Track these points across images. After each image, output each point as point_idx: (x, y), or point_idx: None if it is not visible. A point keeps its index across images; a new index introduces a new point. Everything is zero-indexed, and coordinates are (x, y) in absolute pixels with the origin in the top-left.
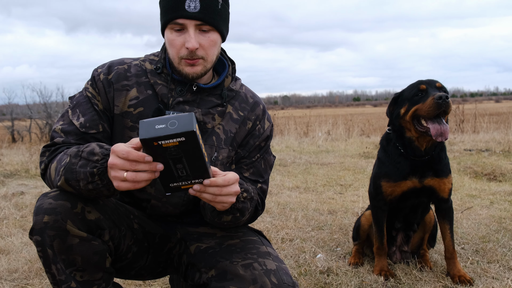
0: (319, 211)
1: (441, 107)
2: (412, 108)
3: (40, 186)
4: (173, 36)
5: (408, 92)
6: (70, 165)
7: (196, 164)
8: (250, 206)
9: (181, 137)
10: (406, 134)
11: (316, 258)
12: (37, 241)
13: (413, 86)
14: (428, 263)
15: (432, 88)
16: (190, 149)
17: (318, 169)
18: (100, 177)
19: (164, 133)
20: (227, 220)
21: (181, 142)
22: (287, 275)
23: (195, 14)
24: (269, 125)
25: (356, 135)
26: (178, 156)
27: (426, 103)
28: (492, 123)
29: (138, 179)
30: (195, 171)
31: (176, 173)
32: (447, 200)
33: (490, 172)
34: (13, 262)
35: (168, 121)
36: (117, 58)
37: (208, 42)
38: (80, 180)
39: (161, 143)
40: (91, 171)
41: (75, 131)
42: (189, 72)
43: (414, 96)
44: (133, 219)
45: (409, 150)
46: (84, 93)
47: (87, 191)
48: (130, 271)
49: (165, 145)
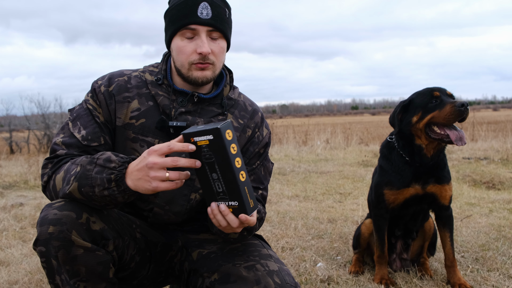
0: (319, 219)
1: (463, 114)
2: (427, 116)
3: (39, 197)
4: (184, 43)
5: (420, 99)
6: (85, 171)
7: (228, 177)
8: (258, 226)
9: (209, 134)
10: (415, 142)
11: (316, 267)
12: (42, 251)
13: (424, 93)
14: (429, 271)
15: (444, 95)
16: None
17: (317, 178)
18: (117, 183)
19: (197, 129)
20: (234, 237)
21: (210, 140)
22: (289, 275)
23: (207, 21)
24: (267, 132)
25: (355, 143)
26: (212, 161)
27: (445, 110)
28: (490, 131)
29: (181, 177)
30: (229, 188)
31: (214, 187)
32: (447, 207)
33: (488, 180)
34: (13, 274)
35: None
36: (115, 68)
37: (218, 48)
38: (96, 186)
39: (196, 140)
40: (109, 177)
41: (77, 143)
42: (199, 76)
43: (428, 103)
44: (136, 228)
45: (417, 157)
46: (85, 106)
47: (100, 198)
48: (132, 280)
49: (199, 142)
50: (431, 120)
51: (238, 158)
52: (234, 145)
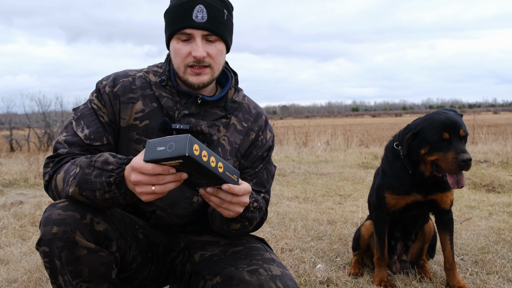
0: (318, 221)
1: (463, 169)
2: (433, 155)
3: (39, 195)
4: (180, 45)
5: (430, 134)
6: (84, 176)
7: (209, 176)
8: (258, 216)
9: (179, 160)
10: (420, 167)
11: (316, 269)
12: (45, 252)
13: (435, 128)
14: (428, 274)
15: (455, 136)
16: (193, 167)
17: (317, 179)
18: (117, 186)
19: (163, 156)
20: (236, 228)
21: (181, 163)
22: (291, 280)
23: (202, 24)
24: (271, 136)
25: (355, 145)
26: (187, 171)
27: (448, 159)
28: (491, 134)
29: (167, 189)
30: (212, 181)
31: (196, 182)
32: (448, 211)
33: (488, 183)
34: (12, 272)
35: (167, 143)
36: (117, 67)
37: (215, 51)
38: (96, 190)
39: (164, 163)
40: (108, 180)
41: (79, 142)
42: (194, 82)
43: (436, 143)
44: (138, 229)
45: (418, 177)
46: (89, 105)
47: (103, 201)
48: (133, 281)
49: (169, 164)
50: (436, 161)
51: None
52: (205, 152)
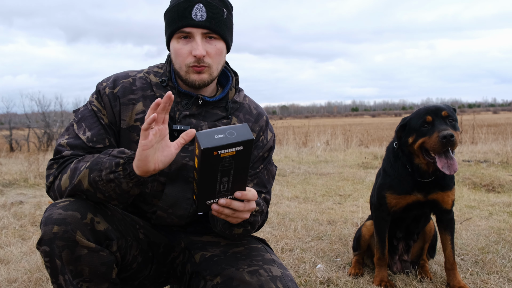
0: (318, 221)
1: (446, 145)
2: (419, 140)
3: (39, 195)
4: (180, 45)
5: (415, 121)
6: (97, 159)
7: (240, 177)
8: (260, 219)
9: (240, 146)
10: (414, 160)
11: (316, 269)
12: (46, 251)
13: (419, 115)
14: (428, 274)
15: (438, 118)
16: (243, 159)
17: (317, 179)
18: (124, 167)
19: (226, 142)
20: (238, 233)
21: (238, 151)
22: (292, 281)
23: (201, 23)
24: (272, 136)
25: (355, 145)
26: (229, 168)
27: (432, 139)
28: (490, 134)
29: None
30: (235, 185)
31: (218, 188)
32: (449, 211)
33: (488, 183)
34: (13, 272)
35: (226, 131)
36: (117, 67)
37: (215, 50)
38: (103, 169)
39: (220, 152)
40: (117, 161)
41: (82, 145)
42: (196, 80)
43: (421, 127)
44: (139, 229)
45: (417, 173)
46: (89, 107)
47: (106, 183)
48: (134, 281)
49: (223, 154)
50: (423, 145)
51: None
52: None
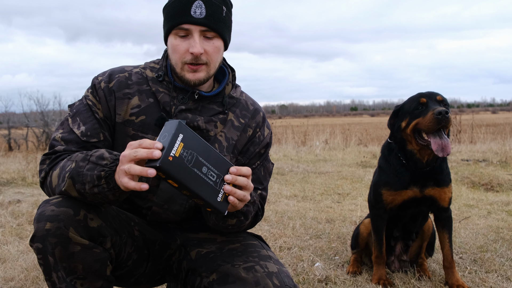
0: (317, 219)
1: (441, 122)
2: (412, 122)
3: (37, 194)
4: (177, 41)
5: (409, 105)
6: (77, 168)
7: (214, 158)
8: (252, 210)
9: (179, 135)
10: (407, 147)
11: (314, 267)
12: (38, 248)
13: (413, 99)
14: (427, 272)
15: (432, 101)
16: (195, 142)
17: (316, 178)
18: (107, 181)
19: (167, 143)
20: (232, 224)
21: (183, 139)
22: (288, 277)
23: (200, 20)
24: (268, 133)
25: (354, 144)
26: (194, 158)
27: (426, 117)
28: (489, 133)
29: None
30: (219, 167)
31: (209, 180)
32: (447, 209)
33: (487, 182)
34: (9, 271)
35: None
36: (116, 66)
37: (213, 48)
38: (86, 183)
39: (173, 154)
40: (99, 174)
41: (76, 139)
42: (191, 79)
43: (415, 110)
44: (134, 226)
45: (411, 162)
46: (84, 101)
47: (92, 195)
48: (129, 278)
49: (177, 152)
50: (417, 126)
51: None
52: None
